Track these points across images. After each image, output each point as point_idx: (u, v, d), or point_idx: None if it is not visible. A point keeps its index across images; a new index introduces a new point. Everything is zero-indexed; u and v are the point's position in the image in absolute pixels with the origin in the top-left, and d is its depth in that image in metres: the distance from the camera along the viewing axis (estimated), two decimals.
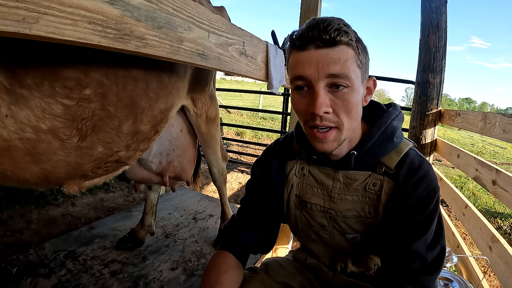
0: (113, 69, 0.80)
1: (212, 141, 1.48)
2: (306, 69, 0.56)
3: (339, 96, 0.56)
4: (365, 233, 0.68)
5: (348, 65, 0.55)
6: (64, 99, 0.72)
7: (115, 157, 0.95)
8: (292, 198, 0.74)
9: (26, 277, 1.25)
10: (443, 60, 2.30)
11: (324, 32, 0.53)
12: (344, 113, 0.57)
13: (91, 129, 0.80)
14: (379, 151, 0.64)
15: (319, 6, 1.40)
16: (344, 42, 0.55)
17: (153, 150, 1.30)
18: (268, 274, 0.77)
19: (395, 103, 0.71)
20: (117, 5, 0.48)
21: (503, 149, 10.50)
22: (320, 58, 0.54)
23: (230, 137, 5.88)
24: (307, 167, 0.72)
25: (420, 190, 0.60)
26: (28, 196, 2.14)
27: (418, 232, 0.59)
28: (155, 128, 1.05)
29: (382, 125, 0.64)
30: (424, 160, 0.64)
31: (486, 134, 1.52)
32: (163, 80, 1.00)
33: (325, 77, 0.55)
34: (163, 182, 1.40)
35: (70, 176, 0.87)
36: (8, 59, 0.63)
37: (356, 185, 0.66)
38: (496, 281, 1.90)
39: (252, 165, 0.81)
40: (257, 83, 20.62)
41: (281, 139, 0.79)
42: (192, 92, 1.25)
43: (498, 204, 3.51)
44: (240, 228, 0.76)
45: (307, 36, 0.55)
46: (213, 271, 0.69)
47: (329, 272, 0.78)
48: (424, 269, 0.59)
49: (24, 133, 0.68)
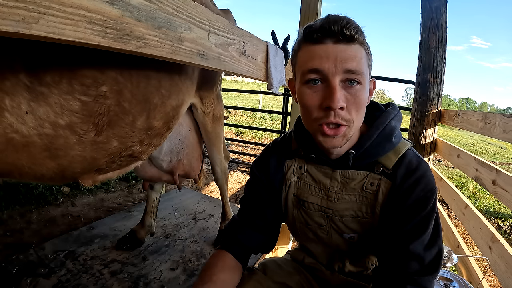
0: (127, 67, 0.83)
1: (217, 139, 1.51)
2: (323, 62, 0.55)
3: (352, 93, 0.56)
4: (362, 233, 0.68)
5: (362, 63, 0.56)
6: (82, 96, 0.75)
7: (129, 151, 0.98)
8: (290, 197, 0.74)
9: (26, 277, 1.25)
10: (443, 60, 2.30)
11: (345, 28, 0.54)
12: (355, 110, 0.57)
13: (106, 124, 0.83)
14: (377, 151, 0.64)
15: (319, 6, 1.40)
16: (360, 41, 0.56)
17: (163, 149, 1.33)
18: (265, 274, 0.77)
19: (393, 103, 0.71)
20: (117, 5, 0.48)
21: (503, 149, 10.50)
22: (339, 53, 0.55)
23: (230, 137, 5.88)
24: (305, 166, 0.72)
25: (418, 190, 0.60)
26: (28, 196, 2.14)
27: (416, 233, 0.59)
28: (168, 125, 1.08)
29: (380, 125, 0.64)
30: (422, 160, 0.64)
31: (486, 134, 1.52)
32: (174, 78, 1.03)
33: (342, 72, 0.55)
34: (174, 180, 1.44)
35: (85, 171, 0.90)
36: (28, 58, 0.65)
37: (353, 184, 0.66)
38: (496, 281, 1.90)
39: (251, 165, 0.81)
40: (257, 83, 20.63)
41: (280, 139, 0.79)
42: (200, 90, 1.28)
43: (498, 204, 3.51)
44: (240, 228, 0.76)
45: (328, 30, 0.55)
46: (208, 270, 0.69)
47: (327, 271, 0.78)
48: (422, 269, 0.59)
49: (43, 129, 0.71)
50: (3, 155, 0.68)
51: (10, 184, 2.14)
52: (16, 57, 0.63)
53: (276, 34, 1.26)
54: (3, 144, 0.66)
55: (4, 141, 0.66)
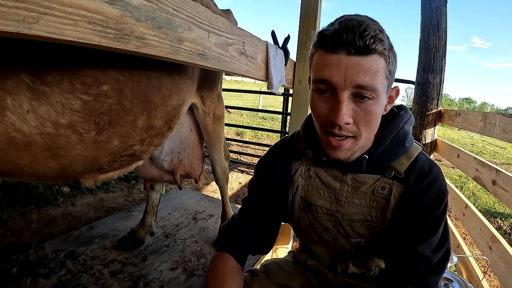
0: (128, 67, 0.83)
1: (218, 139, 1.51)
2: (333, 74, 0.52)
3: (362, 108, 0.54)
4: (370, 237, 0.68)
5: (377, 77, 0.52)
6: (83, 95, 0.75)
7: (130, 151, 0.97)
8: (297, 199, 0.73)
9: (26, 277, 1.25)
10: (443, 60, 2.30)
11: (360, 37, 0.49)
12: (365, 125, 0.55)
13: (108, 123, 0.83)
14: (391, 156, 0.63)
15: (319, 6, 1.40)
16: (378, 51, 0.51)
17: (164, 149, 1.33)
18: (268, 276, 0.77)
19: (405, 106, 0.69)
20: (117, 5, 0.48)
21: (503, 149, 10.50)
22: (350, 66, 0.51)
23: (230, 137, 5.88)
24: (313, 169, 0.71)
25: (430, 194, 0.60)
26: (28, 196, 2.14)
27: (426, 235, 0.59)
28: (168, 124, 1.08)
29: (394, 129, 0.63)
30: (434, 164, 0.63)
31: (486, 134, 1.52)
32: (175, 77, 1.03)
33: (352, 87, 0.52)
34: (175, 180, 1.44)
35: (86, 170, 0.90)
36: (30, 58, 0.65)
37: (364, 188, 0.65)
38: (496, 281, 1.90)
39: (256, 165, 0.80)
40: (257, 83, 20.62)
41: (287, 139, 0.78)
42: (201, 90, 1.28)
43: (498, 204, 3.51)
44: (241, 229, 0.75)
45: (340, 39, 0.50)
46: (217, 279, 0.67)
47: (330, 273, 0.78)
48: (428, 270, 0.59)
49: (44, 128, 0.71)
50: (5, 155, 0.68)
51: (10, 184, 2.14)
52: (18, 56, 0.63)
53: (276, 34, 1.26)
54: (4, 143, 0.66)
55: (6, 140, 0.66)
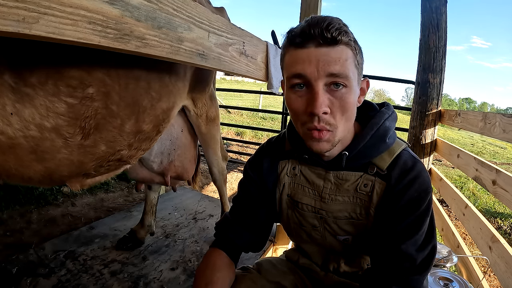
0: (115, 69, 0.81)
1: (212, 141, 1.48)
2: (306, 67, 0.54)
3: (337, 96, 0.55)
4: (356, 234, 0.68)
5: (347, 65, 0.54)
6: (68, 98, 0.73)
7: (117, 156, 0.95)
8: (284, 197, 0.74)
9: (26, 277, 1.25)
10: (443, 60, 2.30)
11: (326, 30, 0.52)
12: (341, 114, 0.56)
13: (94, 127, 0.81)
14: (371, 152, 0.63)
15: (319, 6, 1.40)
16: (344, 42, 0.54)
17: (154, 150, 1.30)
18: (260, 273, 0.77)
19: (388, 103, 0.70)
20: (117, 5, 0.48)
21: (503, 149, 10.50)
22: (321, 56, 0.54)
23: (230, 137, 5.88)
24: (298, 167, 0.72)
25: (412, 191, 0.60)
26: (28, 196, 2.13)
27: (409, 233, 0.59)
28: (157, 128, 1.05)
29: (374, 125, 0.63)
30: (417, 161, 0.63)
31: (486, 134, 1.52)
32: (164, 79, 1.00)
33: (325, 76, 0.54)
34: (165, 182, 1.41)
35: (73, 175, 0.88)
36: (13, 59, 0.64)
37: (347, 185, 0.66)
38: (496, 281, 1.90)
39: (245, 164, 0.81)
40: (257, 83, 20.62)
41: (274, 139, 0.79)
42: (192, 92, 1.25)
43: (498, 204, 3.51)
44: (232, 227, 0.76)
45: (308, 34, 0.54)
46: (207, 270, 0.69)
47: (321, 272, 0.78)
48: (413, 269, 0.59)
49: (28, 131, 0.69)
50: None
51: (10, 184, 2.14)
52: (1, 57, 0.62)
53: (276, 34, 1.26)
54: None
55: None
